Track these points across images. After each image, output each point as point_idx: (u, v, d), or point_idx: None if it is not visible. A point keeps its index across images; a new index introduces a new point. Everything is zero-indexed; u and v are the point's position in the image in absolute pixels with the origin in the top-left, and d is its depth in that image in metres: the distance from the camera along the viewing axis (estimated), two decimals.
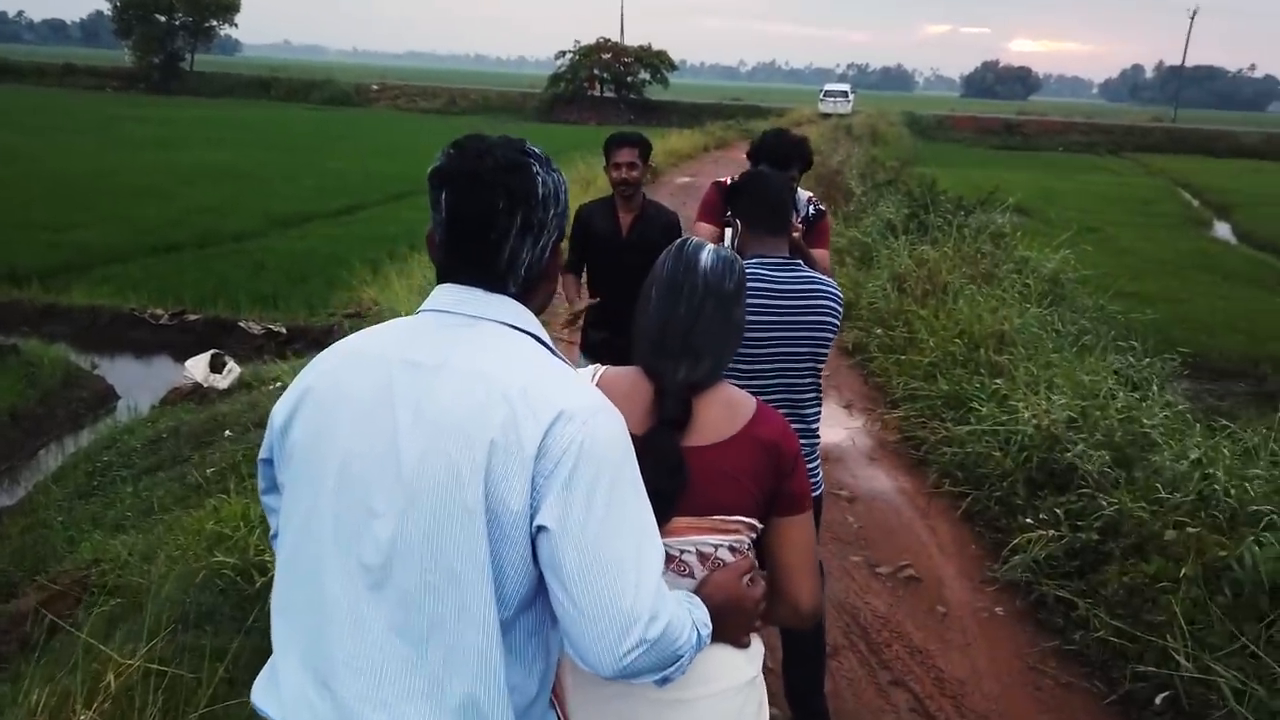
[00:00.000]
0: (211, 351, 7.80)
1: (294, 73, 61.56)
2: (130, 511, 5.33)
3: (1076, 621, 3.62)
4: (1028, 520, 4.19)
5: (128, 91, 50.57)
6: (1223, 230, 21.06)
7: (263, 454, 1.43)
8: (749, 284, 2.65)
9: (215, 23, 57.16)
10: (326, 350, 1.37)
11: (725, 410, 1.60)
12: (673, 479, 1.49)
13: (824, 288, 2.62)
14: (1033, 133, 46.62)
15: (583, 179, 15.28)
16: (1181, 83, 79.52)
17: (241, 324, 9.99)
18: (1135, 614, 3.45)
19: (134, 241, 12.67)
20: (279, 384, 6.31)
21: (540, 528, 1.15)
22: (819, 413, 2.70)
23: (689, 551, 1.54)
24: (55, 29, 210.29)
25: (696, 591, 1.49)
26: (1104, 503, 4.01)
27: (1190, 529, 3.57)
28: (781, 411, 2.69)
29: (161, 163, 19.98)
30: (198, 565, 3.54)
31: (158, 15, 54.10)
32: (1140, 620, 3.40)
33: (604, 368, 1.70)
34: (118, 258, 11.97)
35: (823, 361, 2.66)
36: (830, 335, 2.63)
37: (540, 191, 1.29)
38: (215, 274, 11.37)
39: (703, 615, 1.35)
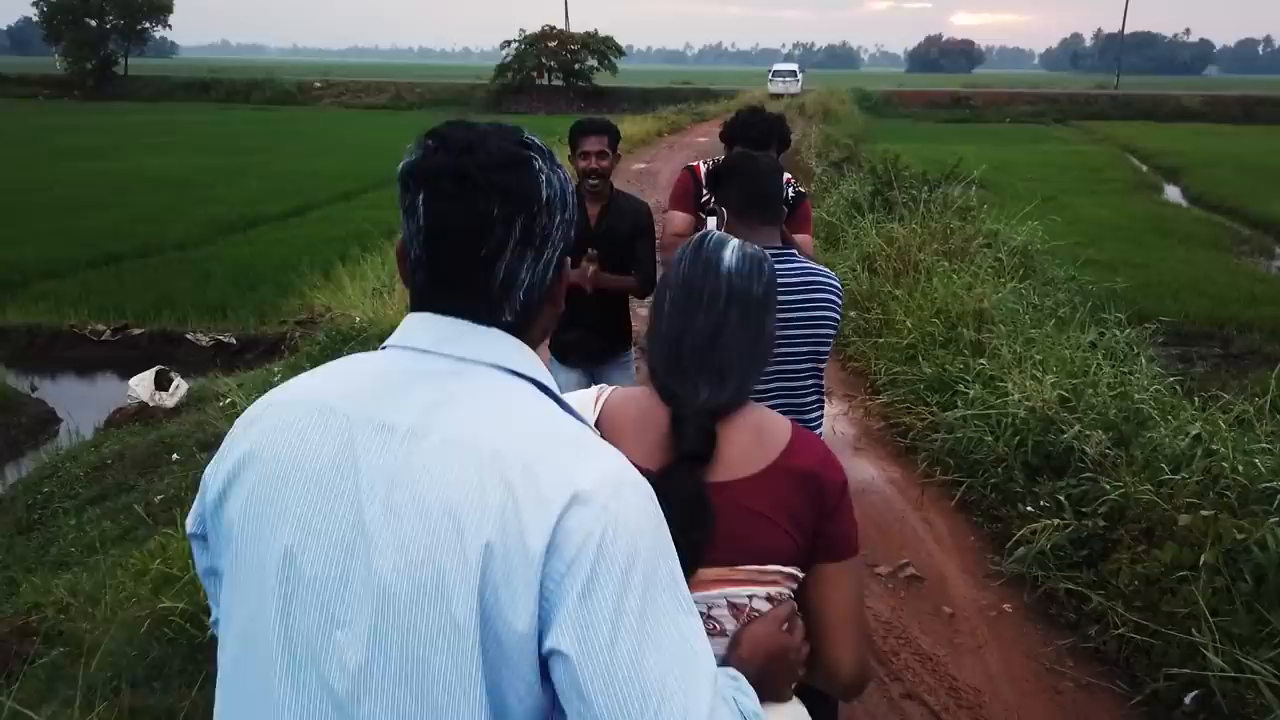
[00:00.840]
0: (156, 368, 7.40)
1: (234, 73, 60.12)
2: (74, 548, 4.98)
3: (1091, 616, 3.44)
4: (1028, 508, 4.01)
5: (60, 99, 48.94)
6: (1173, 193, 21.23)
7: (192, 527, 1.12)
8: None
9: (148, 24, 55.77)
10: (268, 398, 1.06)
11: (755, 438, 1.34)
12: (698, 526, 1.23)
13: (823, 279, 2.38)
14: (981, 105, 46.90)
15: None
16: (1121, 49, 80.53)
17: (189, 336, 9.58)
18: (1153, 606, 3.27)
19: (71, 255, 12.10)
20: (229, 401, 5.96)
21: (554, 651, 0.87)
22: (822, 415, 2.46)
23: (719, 605, 1.29)
24: None
25: (732, 652, 1.24)
26: (1107, 486, 3.83)
27: (1204, 512, 3.39)
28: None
29: (97, 172, 19.24)
30: (142, 613, 3.23)
31: (88, 19, 52.60)
32: (1159, 612, 3.23)
33: (608, 389, 1.42)
34: (55, 273, 11.43)
35: (824, 359, 2.42)
36: (832, 330, 2.40)
37: (545, 194, 1.00)
38: (159, 285, 10.90)
39: (752, 705, 1.09)
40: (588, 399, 1.39)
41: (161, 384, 7.27)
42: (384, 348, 1.04)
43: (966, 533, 4.25)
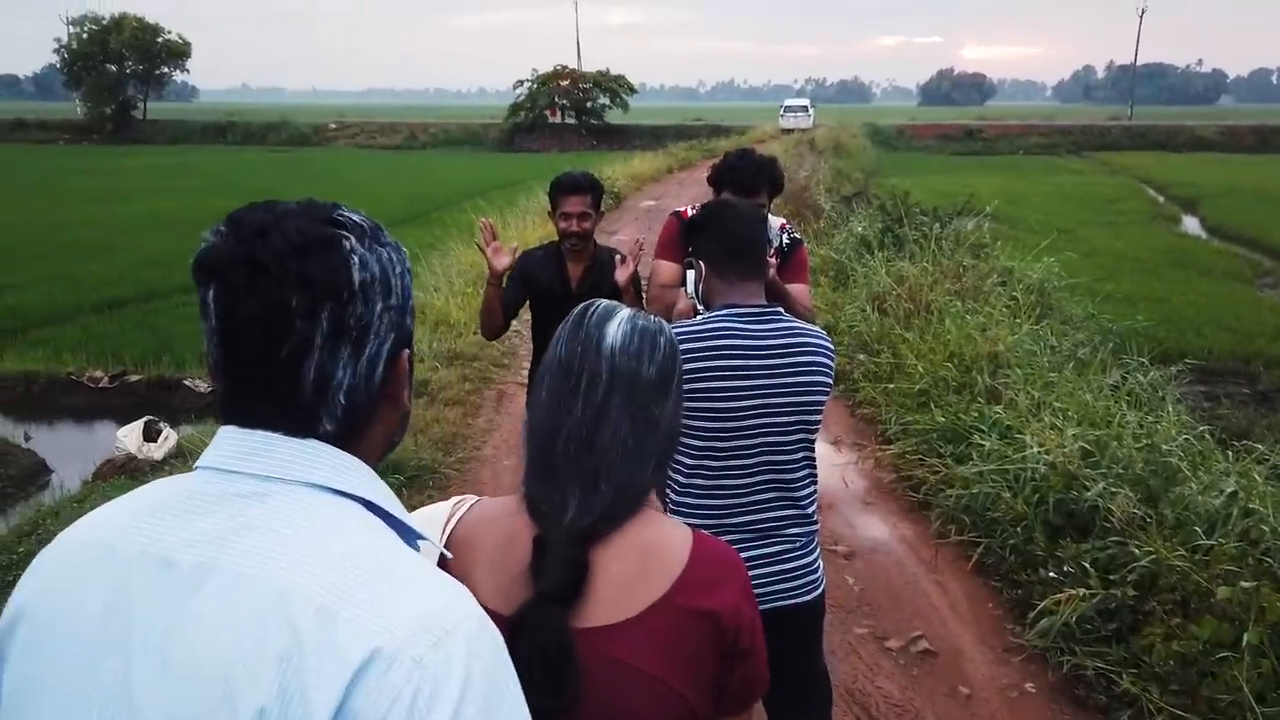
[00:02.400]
0: (145, 419, 7.20)
1: (250, 116, 60.79)
2: None
3: (1122, 699, 3.13)
4: (1051, 574, 3.70)
5: (80, 143, 49.57)
6: (1191, 224, 20.93)
7: None
8: (721, 342, 2.16)
9: (167, 69, 56.43)
10: (57, 539, 0.88)
11: (639, 566, 1.06)
12: (558, 687, 0.95)
13: (812, 341, 2.13)
14: (993, 137, 46.79)
15: (542, 210, 14.81)
16: (1133, 81, 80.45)
17: (187, 382, 9.39)
18: (1191, 690, 2.97)
19: (74, 300, 12.02)
20: None
21: None
22: (815, 494, 2.20)
23: None
24: (8, 84, 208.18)
25: None
26: (1136, 550, 3.53)
27: (1244, 583, 3.09)
28: (769, 495, 2.21)
29: (106, 216, 19.30)
30: None
31: (107, 64, 53.31)
32: (1199, 698, 2.92)
33: (469, 501, 1.17)
34: (56, 318, 11.34)
35: (815, 430, 2.16)
36: (822, 398, 2.14)
37: (357, 278, 0.84)
38: (159, 331, 10.77)
39: None
40: (438, 515, 1.15)
41: (150, 435, 7.07)
42: (196, 467, 0.86)
43: (984, 599, 3.94)
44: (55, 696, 0.79)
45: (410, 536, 0.87)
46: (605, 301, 1.21)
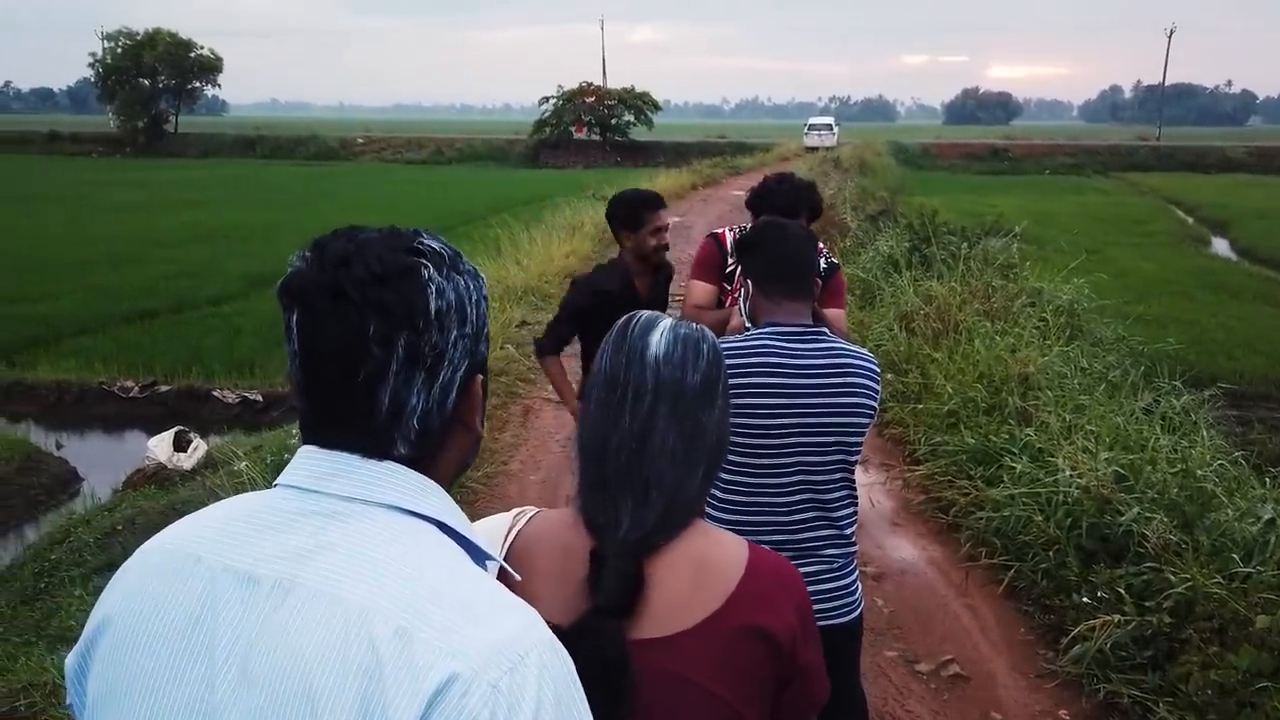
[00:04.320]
0: (175, 429, 7.28)
1: (279, 130, 61.59)
2: (74, 621, 4.79)
3: None
4: (1084, 599, 3.66)
5: (112, 156, 50.37)
6: (1221, 246, 20.75)
7: (70, 697, 0.95)
8: (759, 359, 2.17)
9: (199, 84, 57.32)
10: (141, 550, 0.90)
11: (693, 578, 1.06)
12: (615, 699, 0.95)
13: (857, 362, 2.13)
14: (1019, 157, 46.60)
15: (569, 224, 14.90)
16: (1161, 101, 79.97)
17: (215, 393, 9.52)
18: None
19: (106, 311, 12.20)
20: (244, 466, 5.79)
21: None
22: (854, 515, 2.19)
23: None
24: (43, 97, 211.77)
25: None
26: (1171, 577, 3.49)
27: None
28: (808, 515, 2.20)
29: (138, 228, 19.56)
30: None
31: (140, 79, 54.20)
32: None
33: (527, 514, 1.17)
34: (88, 329, 11.51)
35: (855, 452, 2.16)
36: (865, 421, 2.14)
37: (433, 306, 0.86)
38: (189, 341, 10.92)
39: None
40: (498, 527, 1.14)
41: (180, 445, 7.15)
42: (275, 485, 0.88)
43: (1016, 624, 3.90)
44: (138, 704, 0.81)
45: (480, 557, 0.89)
46: (647, 313, 1.21)
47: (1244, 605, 3.21)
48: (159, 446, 7.08)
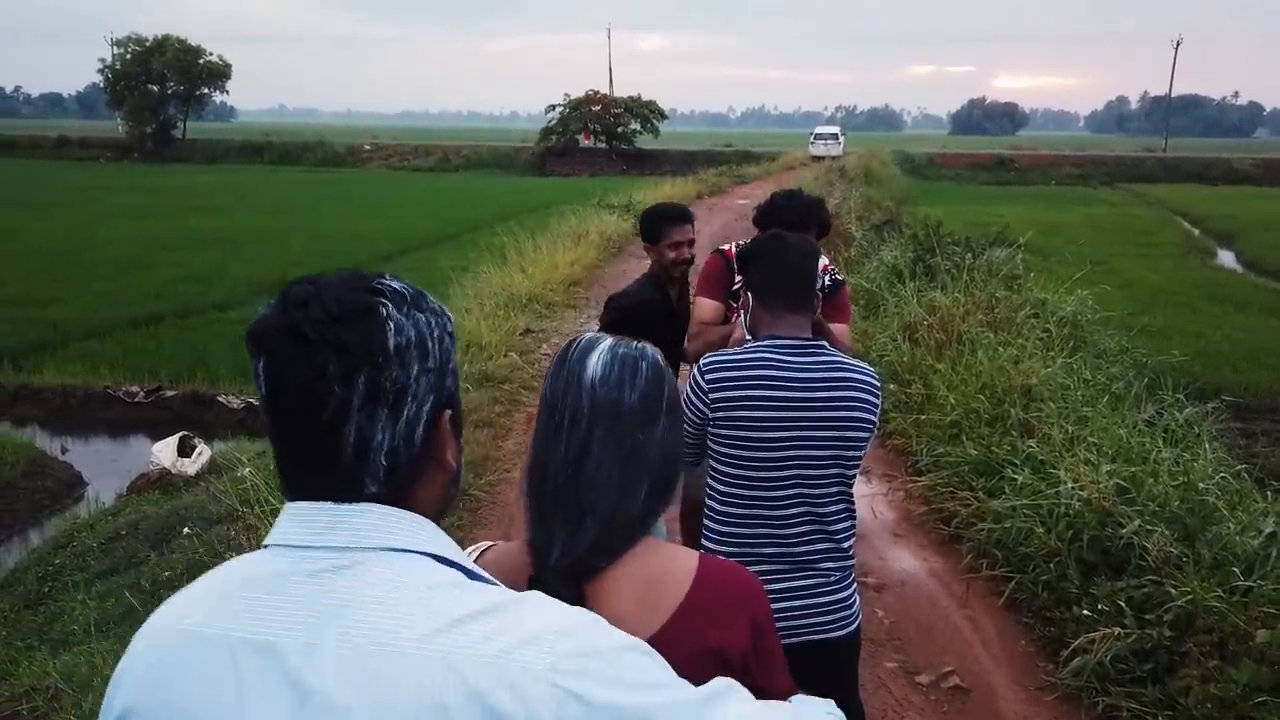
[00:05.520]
0: (180, 434, 7.30)
1: (287, 136, 61.77)
2: (75, 626, 4.81)
3: None
4: (1084, 611, 3.66)
5: (120, 161, 50.56)
6: (1227, 258, 20.69)
7: None
8: (758, 372, 2.17)
9: (207, 90, 57.56)
10: (142, 634, 0.90)
11: (642, 595, 1.07)
12: None
13: (856, 376, 2.14)
14: (1025, 167, 46.60)
15: (574, 233, 14.92)
16: (1168, 112, 79.90)
17: (221, 398, 9.54)
18: None
19: (113, 315, 12.23)
20: (247, 473, 5.81)
21: None
22: (851, 529, 2.20)
23: None
24: (53, 102, 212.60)
25: None
26: (1172, 590, 3.49)
27: None
28: (805, 529, 2.20)
29: (145, 233, 19.63)
30: None
31: (149, 85, 54.43)
32: None
33: (483, 547, 1.18)
34: (95, 333, 11.53)
35: (853, 467, 2.16)
36: (863, 435, 2.14)
37: (392, 343, 0.87)
38: (195, 346, 10.94)
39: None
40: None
41: (185, 450, 7.17)
42: (264, 546, 0.89)
43: (1017, 636, 3.90)
44: None
45: (480, 579, 0.90)
46: (588, 335, 1.21)
47: (1244, 619, 3.21)
48: (163, 451, 7.11)
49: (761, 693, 1.06)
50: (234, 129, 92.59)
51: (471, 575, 0.88)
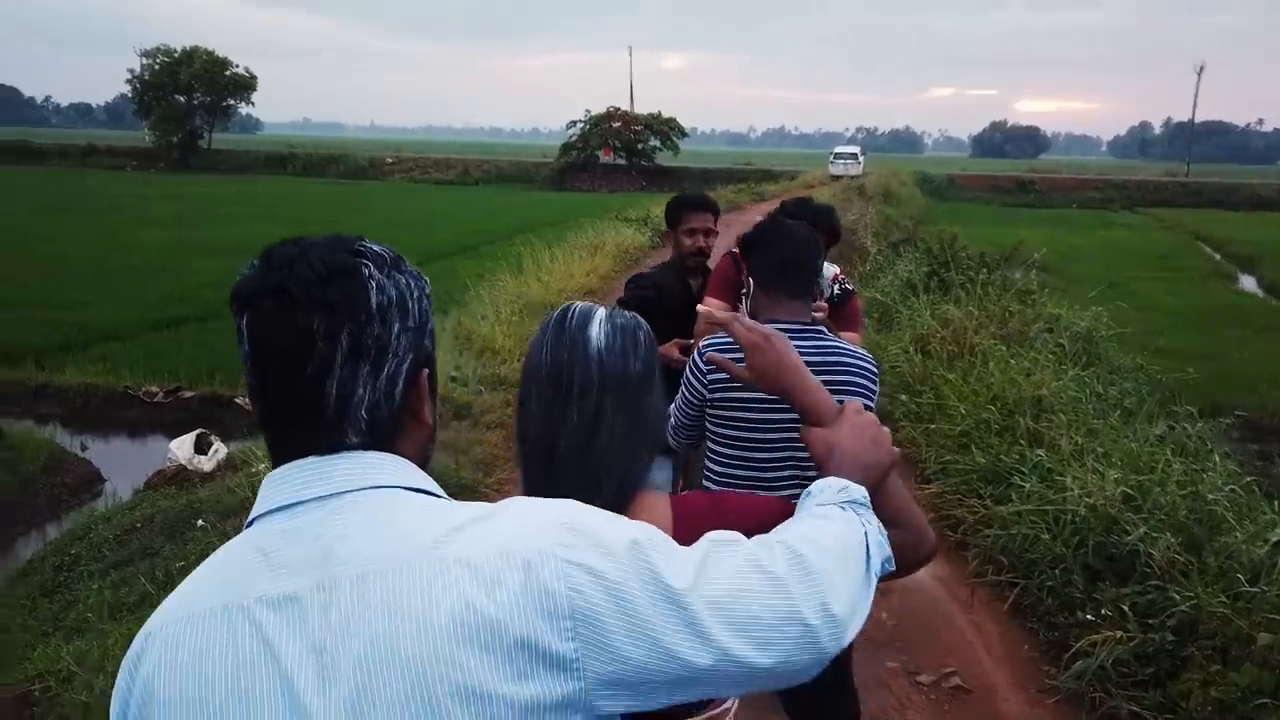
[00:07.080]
0: (197, 431, 7.40)
1: (311, 148, 62.41)
2: (91, 613, 4.88)
3: None
4: (1088, 616, 3.66)
5: (147, 170, 51.23)
6: (1248, 283, 20.54)
7: None
8: None
9: (233, 101, 58.27)
10: (148, 626, 0.91)
11: None
12: None
13: (853, 360, 2.18)
14: (1046, 190, 46.45)
15: (591, 244, 15.02)
16: (1191, 138, 79.60)
17: (238, 400, 9.63)
18: None
19: (135, 318, 12.42)
20: (263, 468, 5.88)
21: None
22: None
23: None
24: (82, 112, 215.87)
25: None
26: (1176, 596, 3.49)
27: None
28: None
29: (170, 240, 19.89)
30: None
31: (177, 95, 55.20)
32: None
33: None
34: (117, 335, 11.71)
35: None
36: None
37: (375, 301, 0.91)
38: (214, 349, 11.05)
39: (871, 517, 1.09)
40: None
41: (201, 447, 7.26)
42: (249, 523, 0.91)
43: (1020, 640, 3.90)
44: None
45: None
46: (580, 304, 1.24)
47: (1247, 624, 3.21)
48: (180, 448, 7.20)
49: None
50: (259, 140, 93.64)
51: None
